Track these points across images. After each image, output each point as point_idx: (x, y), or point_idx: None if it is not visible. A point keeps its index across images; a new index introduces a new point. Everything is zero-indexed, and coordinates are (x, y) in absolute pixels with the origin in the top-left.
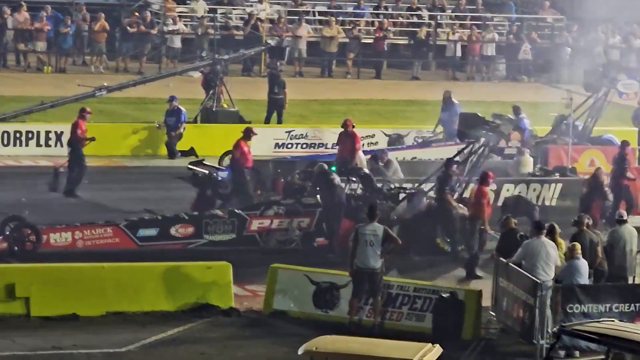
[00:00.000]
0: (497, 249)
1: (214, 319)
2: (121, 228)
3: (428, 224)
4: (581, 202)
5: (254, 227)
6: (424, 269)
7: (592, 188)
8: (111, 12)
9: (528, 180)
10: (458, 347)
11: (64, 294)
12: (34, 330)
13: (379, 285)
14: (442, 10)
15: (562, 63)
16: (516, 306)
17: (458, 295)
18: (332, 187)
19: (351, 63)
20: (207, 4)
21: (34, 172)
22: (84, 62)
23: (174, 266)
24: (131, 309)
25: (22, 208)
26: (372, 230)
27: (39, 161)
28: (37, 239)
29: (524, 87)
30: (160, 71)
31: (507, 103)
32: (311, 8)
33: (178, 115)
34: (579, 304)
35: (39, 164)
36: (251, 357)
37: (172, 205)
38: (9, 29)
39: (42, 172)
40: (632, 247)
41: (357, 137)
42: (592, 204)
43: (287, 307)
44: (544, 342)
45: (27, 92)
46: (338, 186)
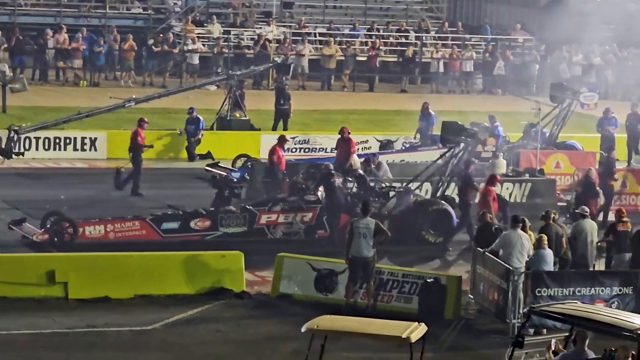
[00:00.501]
0: (474, 240)
1: (228, 301)
2: (147, 222)
3: (414, 218)
4: (576, 200)
5: (262, 221)
6: (411, 257)
7: (585, 187)
8: (138, 34)
9: (502, 180)
10: (441, 326)
11: (97, 279)
12: (71, 310)
13: (372, 271)
14: (426, 32)
15: (531, 78)
16: (491, 290)
17: (441, 280)
18: (332, 187)
19: (347, 78)
20: (221, 26)
21: (71, 173)
22: (115, 77)
23: (193, 255)
24: (156, 292)
25: (61, 204)
26: (365, 224)
27: (76, 163)
28: (74, 232)
29: (498, 99)
30: (181, 85)
31: (483, 113)
32: (312, 30)
33: (197, 124)
34: (546, 288)
35: (76, 166)
36: (260, 334)
37: (191, 201)
38: (50, 48)
39: (78, 173)
40: (593, 239)
41: (352, 142)
42: (588, 201)
43: (291, 291)
44: (516, 321)
45: (65, 104)
46: (338, 187)
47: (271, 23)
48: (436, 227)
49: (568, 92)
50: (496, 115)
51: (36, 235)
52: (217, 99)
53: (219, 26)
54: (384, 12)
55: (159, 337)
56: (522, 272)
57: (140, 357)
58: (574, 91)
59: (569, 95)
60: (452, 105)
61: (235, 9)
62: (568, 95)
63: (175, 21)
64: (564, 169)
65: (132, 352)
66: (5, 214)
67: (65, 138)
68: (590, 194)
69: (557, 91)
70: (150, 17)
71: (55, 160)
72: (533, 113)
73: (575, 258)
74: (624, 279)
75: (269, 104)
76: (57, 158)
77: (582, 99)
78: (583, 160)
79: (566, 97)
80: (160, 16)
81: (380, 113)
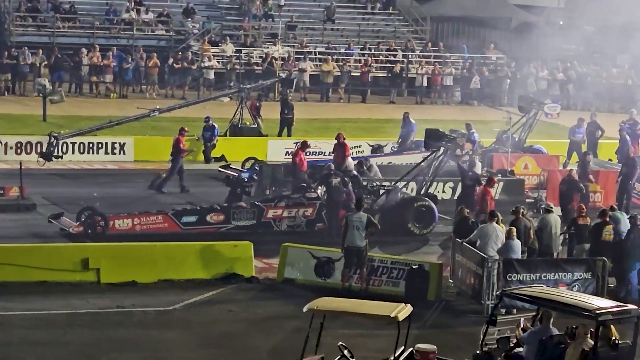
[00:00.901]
0: (453, 232)
1: (239, 285)
2: (169, 216)
3: (402, 213)
4: (561, 197)
5: (269, 215)
6: (398, 247)
7: (569, 184)
8: (162, 52)
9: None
10: (424, 307)
11: (125, 266)
12: (102, 293)
13: (364, 259)
14: (412, 51)
15: (503, 91)
16: (469, 275)
17: (425, 267)
18: (332, 185)
19: (343, 91)
20: (234, 46)
21: (102, 174)
22: (141, 90)
23: (209, 245)
24: (177, 277)
25: (94, 201)
26: (358, 217)
27: (107, 165)
28: (105, 224)
29: (474, 109)
30: (199, 97)
31: (461, 121)
32: (313, 49)
33: (212, 130)
34: (516, 273)
35: (107, 167)
36: (267, 314)
37: (207, 198)
38: (85, 65)
39: (109, 173)
40: (557, 230)
41: (347, 147)
42: (572, 197)
43: (294, 276)
44: (490, 303)
45: (98, 113)
46: (336, 186)
47: (277, 43)
48: (420, 221)
49: (534, 103)
50: (472, 123)
51: (72, 227)
52: (230, 109)
53: (231, 46)
54: (375, 34)
55: (179, 317)
56: (496, 259)
57: (162, 333)
58: (539, 102)
59: (535, 106)
60: (434, 114)
61: (245, 31)
62: (534, 106)
63: (194, 41)
64: (531, 170)
65: (155, 330)
66: (45, 209)
67: (97, 143)
68: (573, 190)
69: (524, 102)
70: (172, 38)
71: (89, 162)
72: (504, 121)
73: (541, 247)
74: (583, 265)
75: (275, 114)
76: (90, 160)
77: (546, 109)
78: (548, 162)
79: (532, 108)
80: (181, 37)
81: (372, 121)
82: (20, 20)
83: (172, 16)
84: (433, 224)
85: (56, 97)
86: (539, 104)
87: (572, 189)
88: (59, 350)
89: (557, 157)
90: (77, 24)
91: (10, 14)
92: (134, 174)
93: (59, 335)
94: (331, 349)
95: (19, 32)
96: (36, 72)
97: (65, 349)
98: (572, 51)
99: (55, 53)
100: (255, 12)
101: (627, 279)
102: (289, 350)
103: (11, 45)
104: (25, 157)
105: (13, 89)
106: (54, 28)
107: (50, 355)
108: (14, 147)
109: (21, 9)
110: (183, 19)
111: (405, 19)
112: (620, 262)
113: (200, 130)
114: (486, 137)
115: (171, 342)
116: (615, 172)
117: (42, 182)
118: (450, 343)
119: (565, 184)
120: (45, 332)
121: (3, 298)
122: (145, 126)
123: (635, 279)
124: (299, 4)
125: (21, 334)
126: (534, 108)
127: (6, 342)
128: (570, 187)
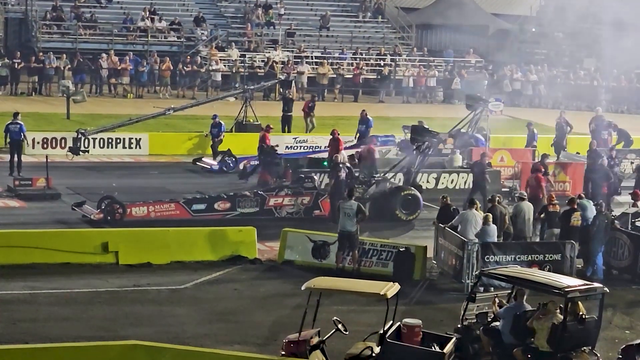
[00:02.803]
0: (437, 218)
1: (244, 266)
2: (181, 204)
3: (390, 201)
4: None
5: (271, 203)
6: (387, 231)
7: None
8: (173, 57)
9: (458, 171)
10: (410, 285)
11: (142, 249)
12: (120, 273)
13: (356, 242)
14: (399, 55)
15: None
16: (450, 257)
17: (411, 249)
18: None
19: (337, 91)
20: (238, 51)
21: (120, 166)
22: (155, 91)
23: (217, 230)
24: (187, 259)
25: (113, 190)
26: (349, 205)
27: (124, 158)
28: (123, 212)
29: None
30: (207, 97)
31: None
32: (310, 53)
33: (219, 127)
34: (493, 255)
35: (124, 160)
36: (269, 292)
37: (215, 188)
38: (104, 68)
39: (126, 166)
40: (530, 217)
41: (340, 141)
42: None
43: (294, 258)
44: (469, 282)
45: (116, 112)
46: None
47: (277, 48)
48: (407, 208)
49: (480, 101)
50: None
51: (93, 214)
52: (235, 108)
53: (236, 51)
54: (365, 40)
55: (189, 294)
56: (475, 242)
57: (174, 309)
58: (484, 101)
59: (481, 104)
60: (419, 112)
61: (249, 37)
62: (480, 104)
63: (202, 47)
64: (506, 162)
65: (168, 306)
66: (69, 198)
67: (116, 138)
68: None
69: (471, 101)
70: (183, 44)
71: (108, 155)
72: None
73: (516, 232)
74: (553, 248)
75: (277, 112)
76: (109, 154)
77: (490, 106)
78: (522, 156)
79: (478, 106)
80: (191, 43)
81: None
82: (46, 28)
83: (183, 24)
84: (418, 210)
85: (78, 97)
86: (483, 102)
87: (602, 177)
88: (81, 325)
89: (530, 150)
90: (97, 32)
91: (37, 22)
92: (148, 166)
93: (80, 311)
94: (327, 323)
95: (45, 39)
96: (60, 74)
97: (87, 323)
98: (543, 55)
99: (78, 57)
100: (258, 21)
101: (593, 260)
102: (289, 324)
103: (38, 50)
104: (51, 152)
105: (40, 90)
106: (76, 35)
107: (72, 329)
108: (41, 142)
109: (47, 17)
110: (193, 27)
111: (393, 26)
112: (587, 245)
113: (209, 127)
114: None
115: (182, 317)
116: (583, 163)
117: (66, 174)
118: (433, 318)
119: (595, 173)
120: (69, 308)
121: (30, 278)
122: (159, 123)
123: (601, 260)
124: (297, 13)
125: (46, 311)
126: (479, 106)
127: (33, 318)
128: (600, 175)
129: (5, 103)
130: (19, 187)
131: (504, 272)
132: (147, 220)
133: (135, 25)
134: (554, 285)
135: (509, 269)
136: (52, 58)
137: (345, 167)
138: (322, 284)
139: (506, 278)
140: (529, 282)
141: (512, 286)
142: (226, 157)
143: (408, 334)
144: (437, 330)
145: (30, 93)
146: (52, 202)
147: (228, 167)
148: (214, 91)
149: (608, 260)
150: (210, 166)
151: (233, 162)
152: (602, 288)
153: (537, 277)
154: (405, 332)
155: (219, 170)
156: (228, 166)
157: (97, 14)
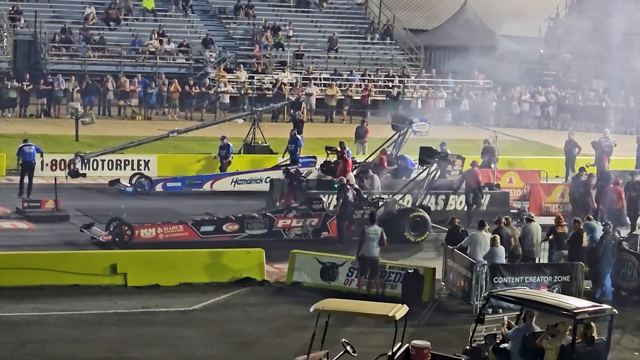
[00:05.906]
0: (445, 239)
1: (252, 288)
2: (189, 225)
3: (398, 222)
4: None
5: (279, 225)
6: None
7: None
8: (182, 79)
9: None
10: (419, 307)
11: (150, 270)
12: (129, 295)
13: (378, 267)
14: (408, 77)
15: (489, 113)
16: (459, 278)
17: (419, 271)
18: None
19: (346, 113)
20: (247, 72)
21: None
22: (163, 113)
23: (225, 251)
24: (196, 280)
25: (121, 212)
26: (374, 230)
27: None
28: (131, 233)
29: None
30: (215, 119)
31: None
32: (318, 75)
33: (228, 149)
34: (501, 277)
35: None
36: (278, 314)
37: (223, 209)
38: (112, 90)
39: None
40: (538, 238)
41: (349, 162)
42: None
43: (302, 280)
44: (478, 303)
45: (125, 133)
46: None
47: (286, 70)
48: (415, 229)
49: (405, 122)
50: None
51: (102, 236)
52: (243, 130)
53: (245, 72)
54: (374, 62)
55: (198, 316)
56: (484, 264)
57: (183, 331)
58: (410, 121)
59: (406, 124)
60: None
61: (257, 59)
62: (405, 125)
63: (211, 69)
64: (515, 184)
65: (177, 328)
66: (78, 220)
67: (124, 160)
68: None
69: (397, 121)
70: (191, 65)
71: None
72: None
73: (524, 253)
74: (562, 269)
75: (285, 133)
76: (118, 176)
77: (414, 127)
78: (530, 177)
79: (404, 126)
80: (199, 65)
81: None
82: (55, 50)
83: (191, 46)
84: (427, 232)
85: (87, 119)
86: (409, 122)
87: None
88: (90, 346)
89: (538, 171)
90: (106, 54)
91: (46, 44)
92: None
93: (89, 333)
94: (335, 345)
95: (54, 61)
96: (69, 96)
97: (95, 345)
98: (552, 77)
99: (87, 79)
100: (266, 43)
101: (601, 281)
102: (297, 346)
103: (47, 72)
104: (60, 173)
105: (48, 112)
106: (85, 57)
107: (81, 351)
108: (49, 164)
109: (56, 40)
110: (201, 49)
111: (401, 48)
112: (595, 267)
113: (217, 148)
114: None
115: (191, 338)
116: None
117: (74, 196)
118: (442, 339)
119: (635, 191)
120: (77, 330)
121: (39, 300)
122: (167, 145)
123: (609, 281)
124: (306, 34)
125: (55, 332)
126: (404, 127)
127: (42, 340)
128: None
129: (14, 125)
130: (28, 209)
131: (512, 294)
132: (156, 242)
133: (144, 47)
134: (562, 307)
135: (518, 290)
136: (61, 80)
137: (353, 188)
138: (331, 305)
139: (515, 300)
140: (538, 304)
141: (521, 308)
142: (141, 179)
143: (417, 355)
144: (446, 351)
145: (39, 115)
146: (61, 224)
147: (143, 189)
148: (222, 113)
149: (617, 281)
150: (124, 187)
151: (148, 184)
152: (611, 310)
153: (546, 299)
154: (414, 354)
155: (133, 192)
156: (143, 188)
157: (106, 36)
